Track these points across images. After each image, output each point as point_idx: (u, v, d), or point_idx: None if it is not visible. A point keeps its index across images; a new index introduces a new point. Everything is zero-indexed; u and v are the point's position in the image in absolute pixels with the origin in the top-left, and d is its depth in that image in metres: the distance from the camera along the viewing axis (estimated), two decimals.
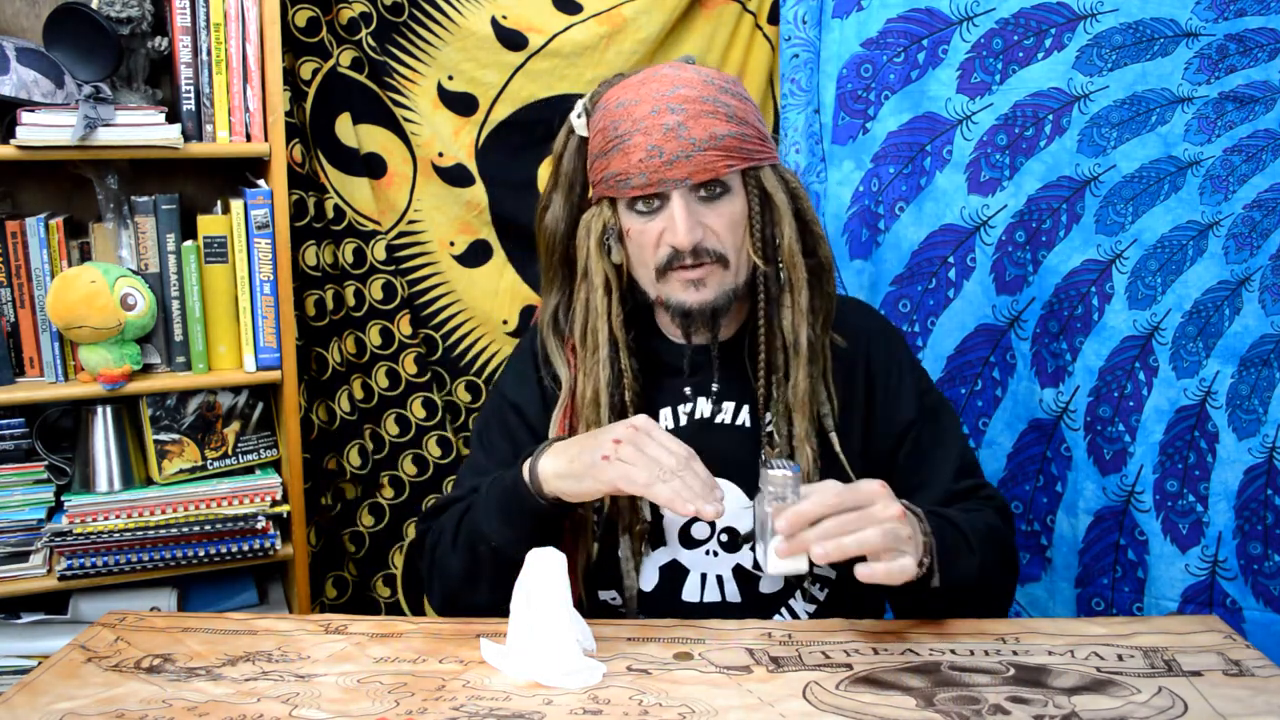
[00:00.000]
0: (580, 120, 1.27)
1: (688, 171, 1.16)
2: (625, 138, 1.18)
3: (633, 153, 1.17)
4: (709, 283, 1.21)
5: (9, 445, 1.75)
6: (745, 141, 1.19)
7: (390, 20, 1.91)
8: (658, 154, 1.16)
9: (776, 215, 1.23)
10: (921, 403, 1.32)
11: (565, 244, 1.30)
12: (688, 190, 1.18)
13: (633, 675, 1.06)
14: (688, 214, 1.18)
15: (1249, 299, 1.79)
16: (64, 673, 1.10)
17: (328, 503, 2.00)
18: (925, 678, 1.04)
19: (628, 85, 1.22)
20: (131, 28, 1.69)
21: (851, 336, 1.32)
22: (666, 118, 1.16)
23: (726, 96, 1.20)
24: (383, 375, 1.99)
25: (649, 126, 1.17)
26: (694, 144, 1.16)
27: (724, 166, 1.18)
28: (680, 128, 1.16)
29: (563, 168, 1.29)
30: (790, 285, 1.23)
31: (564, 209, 1.30)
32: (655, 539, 1.30)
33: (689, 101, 1.17)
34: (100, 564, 1.73)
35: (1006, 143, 1.89)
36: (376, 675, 1.08)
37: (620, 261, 1.26)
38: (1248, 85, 1.75)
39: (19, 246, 1.68)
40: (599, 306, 1.26)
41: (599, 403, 1.26)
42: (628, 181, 1.19)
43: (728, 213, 1.20)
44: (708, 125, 1.17)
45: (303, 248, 1.89)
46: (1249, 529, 1.81)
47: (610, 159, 1.20)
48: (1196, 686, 1.01)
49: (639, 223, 1.22)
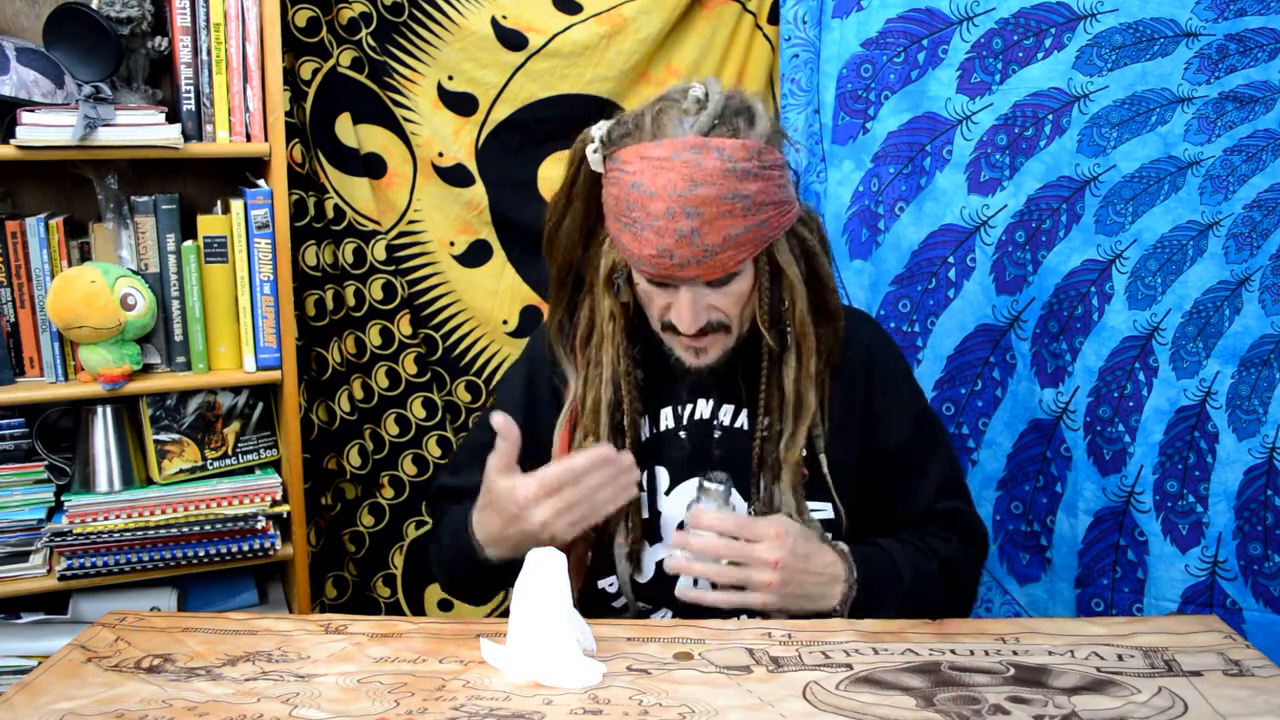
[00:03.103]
0: (596, 156, 1.21)
1: (698, 273, 1.15)
2: (638, 225, 1.15)
3: (645, 245, 1.15)
4: (710, 350, 1.23)
5: (9, 445, 1.75)
6: (762, 229, 1.16)
7: (390, 20, 1.91)
8: (669, 256, 1.14)
9: (787, 285, 1.22)
10: (917, 422, 1.34)
11: (574, 256, 1.30)
12: (698, 282, 1.17)
13: (633, 675, 1.06)
14: (693, 305, 1.18)
15: (1249, 299, 1.79)
16: (64, 673, 1.09)
17: (328, 503, 2.00)
18: (925, 678, 1.04)
19: (646, 161, 1.14)
20: (131, 28, 1.69)
21: (854, 351, 1.32)
22: (681, 222, 1.12)
23: (749, 184, 1.13)
24: (383, 375, 1.99)
25: (662, 228, 1.13)
26: (706, 250, 1.13)
27: (735, 264, 1.16)
28: (694, 234, 1.12)
29: (575, 191, 1.26)
30: (798, 350, 1.24)
31: (577, 231, 1.28)
32: (653, 535, 1.31)
33: (706, 204, 1.12)
34: (100, 564, 1.73)
35: (1006, 143, 1.89)
36: (376, 675, 1.08)
37: (627, 301, 1.26)
38: (1248, 85, 1.75)
39: (19, 246, 1.68)
40: (604, 329, 1.27)
41: (599, 416, 1.28)
42: (638, 264, 1.18)
43: (735, 292, 1.20)
44: (723, 228, 1.13)
45: (303, 248, 1.89)
46: (1249, 529, 1.81)
47: (622, 232, 1.18)
48: (1196, 687, 1.01)
49: (647, 286, 1.22)
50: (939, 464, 1.34)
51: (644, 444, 1.31)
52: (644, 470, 1.31)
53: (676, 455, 1.31)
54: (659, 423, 1.32)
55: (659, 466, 1.32)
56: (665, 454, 1.32)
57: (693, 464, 1.30)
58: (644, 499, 1.30)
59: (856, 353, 1.32)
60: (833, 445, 1.28)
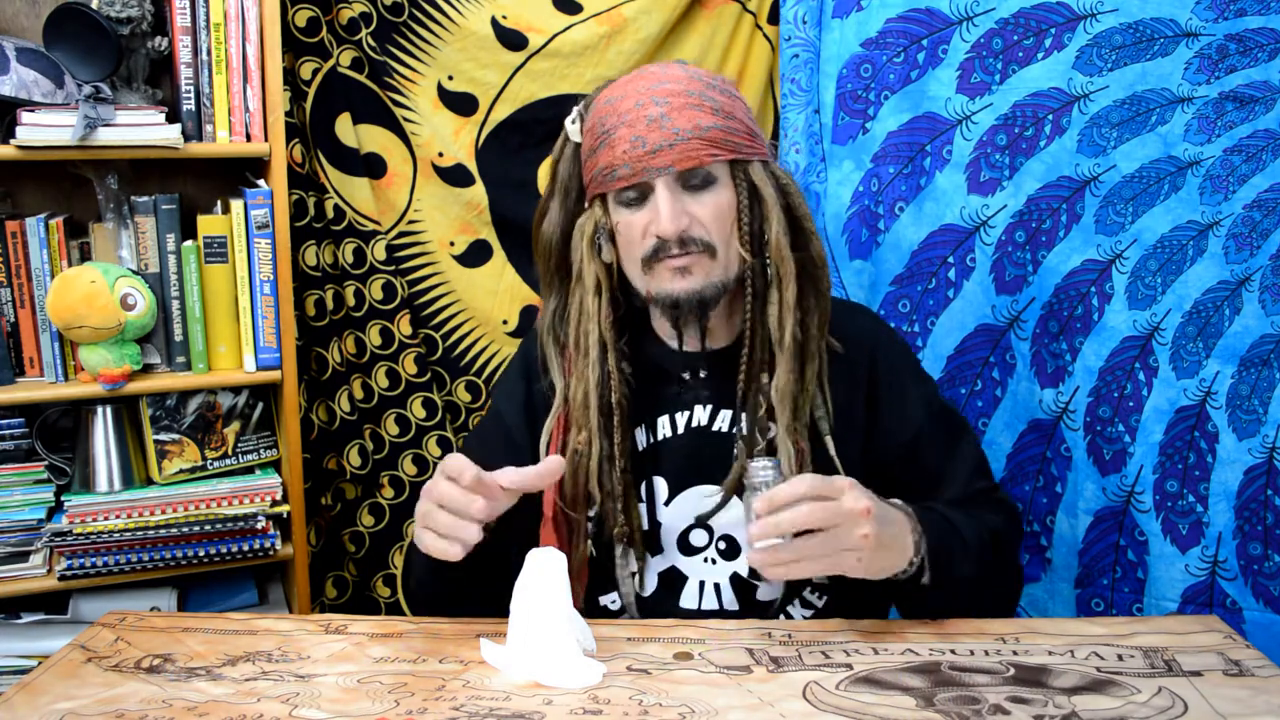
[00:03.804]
0: (574, 126, 1.27)
1: (671, 160, 1.17)
2: (611, 131, 1.19)
3: (617, 145, 1.18)
4: (695, 271, 1.20)
5: (9, 445, 1.75)
6: (731, 135, 1.20)
7: (390, 20, 1.91)
8: (640, 144, 1.17)
9: (765, 209, 1.22)
10: (930, 409, 1.31)
11: (561, 250, 1.30)
12: (672, 180, 1.18)
13: (633, 675, 1.06)
14: (672, 202, 1.18)
15: (1249, 299, 1.79)
16: (64, 673, 1.10)
17: (328, 503, 2.00)
18: (925, 678, 1.04)
19: (616, 84, 1.24)
20: (131, 28, 1.69)
21: (853, 342, 1.30)
22: (650, 109, 1.17)
23: (714, 92, 1.21)
24: (383, 375, 1.99)
25: (633, 119, 1.18)
26: (677, 134, 1.17)
27: (708, 156, 1.18)
28: (664, 118, 1.17)
29: (559, 174, 1.29)
30: (778, 280, 1.22)
31: (560, 215, 1.29)
32: (653, 546, 1.30)
33: (674, 95, 1.18)
34: (100, 564, 1.73)
35: (1006, 143, 1.89)
36: (376, 675, 1.08)
37: (611, 260, 1.25)
38: (1248, 85, 1.75)
39: (19, 246, 1.68)
40: (589, 308, 1.25)
41: (589, 405, 1.25)
42: (613, 173, 1.19)
43: (713, 203, 1.20)
44: (692, 116, 1.18)
45: (303, 248, 1.89)
46: (1249, 529, 1.81)
47: (598, 155, 1.21)
48: (1196, 687, 1.01)
49: (626, 215, 1.22)
50: (965, 445, 1.32)
51: (641, 453, 1.30)
52: (643, 481, 1.30)
53: (675, 463, 1.29)
54: (655, 431, 1.30)
55: (657, 476, 1.30)
56: (663, 463, 1.30)
57: (693, 472, 1.28)
58: (643, 510, 1.29)
59: (857, 343, 1.30)
60: (837, 437, 1.26)
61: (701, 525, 1.29)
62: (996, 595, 1.27)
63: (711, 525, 1.29)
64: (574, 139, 1.27)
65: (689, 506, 1.29)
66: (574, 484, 1.26)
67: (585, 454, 1.25)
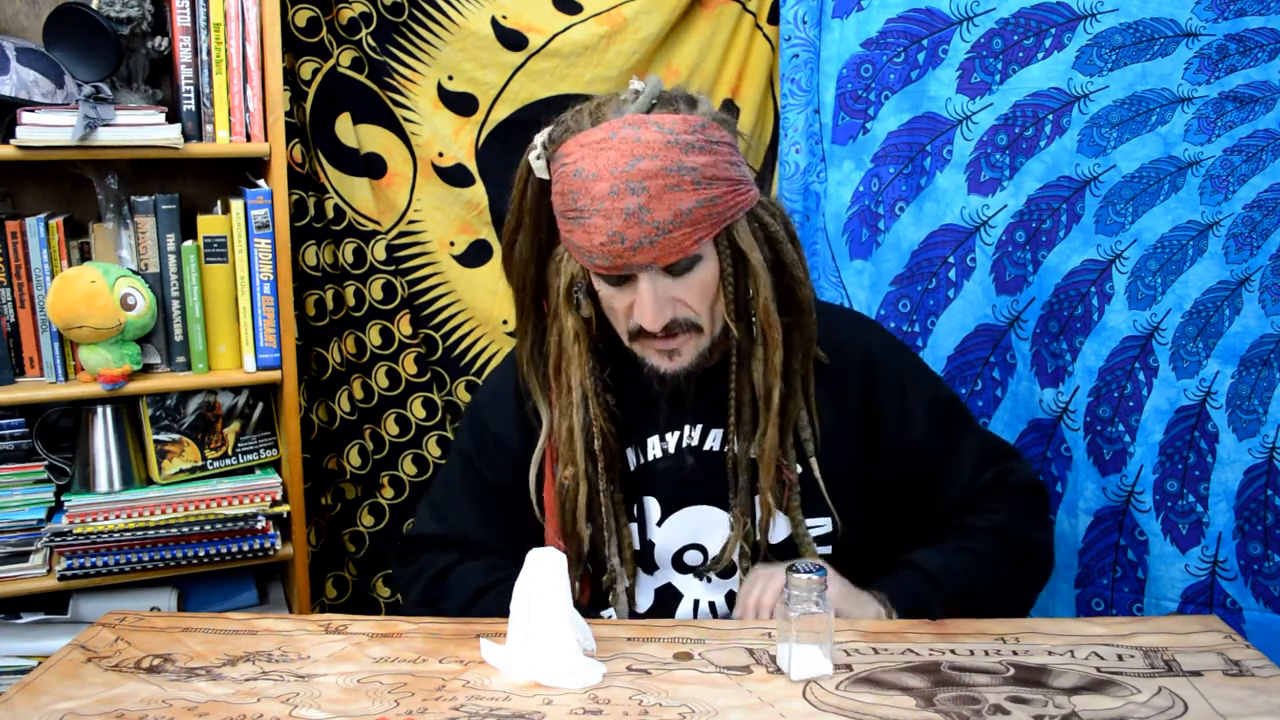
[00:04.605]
0: (540, 163, 1.16)
1: (653, 256, 1.09)
2: (584, 214, 1.09)
3: (594, 234, 1.09)
4: (684, 351, 1.17)
5: (9, 445, 1.75)
6: (714, 205, 1.10)
7: (390, 20, 1.91)
8: (619, 240, 1.08)
9: (751, 270, 1.15)
10: (930, 415, 1.29)
11: (536, 284, 1.25)
12: (656, 270, 1.11)
13: (633, 675, 1.06)
14: (655, 297, 1.12)
15: (1249, 299, 1.79)
16: (64, 673, 1.10)
17: (328, 503, 2.00)
18: (925, 678, 1.04)
19: (586, 147, 1.10)
20: (131, 28, 1.69)
21: (845, 354, 1.28)
22: (627, 200, 1.07)
23: (693, 156, 1.09)
24: (383, 375, 1.99)
25: (609, 210, 1.07)
26: (658, 228, 1.08)
27: (692, 244, 1.10)
28: (642, 211, 1.07)
29: (525, 206, 1.20)
30: (764, 342, 1.18)
31: (531, 249, 1.22)
32: (647, 565, 1.30)
33: (650, 177, 1.07)
34: (100, 564, 1.73)
35: (1006, 143, 1.89)
36: (376, 675, 1.08)
37: (589, 315, 1.21)
38: (1248, 85, 1.75)
39: (19, 246, 1.68)
40: (569, 352, 1.22)
41: (574, 444, 1.23)
42: (591, 259, 1.12)
43: (698, 282, 1.14)
44: (672, 202, 1.07)
45: (303, 248, 1.89)
46: (1249, 529, 1.81)
47: (572, 229, 1.12)
48: (1196, 686, 1.01)
49: (607, 289, 1.17)
50: (967, 442, 1.31)
51: (632, 474, 1.29)
52: (634, 501, 1.28)
53: (667, 483, 1.28)
54: (646, 452, 1.29)
55: (648, 497, 1.28)
56: (654, 483, 1.28)
57: (685, 491, 1.27)
58: (634, 530, 1.28)
59: (850, 357, 1.28)
60: (825, 455, 1.25)
61: (701, 574, 1.30)
62: (1019, 584, 1.28)
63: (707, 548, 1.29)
64: (539, 175, 1.17)
65: (686, 530, 1.28)
66: (564, 518, 1.26)
67: (572, 489, 1.24)
